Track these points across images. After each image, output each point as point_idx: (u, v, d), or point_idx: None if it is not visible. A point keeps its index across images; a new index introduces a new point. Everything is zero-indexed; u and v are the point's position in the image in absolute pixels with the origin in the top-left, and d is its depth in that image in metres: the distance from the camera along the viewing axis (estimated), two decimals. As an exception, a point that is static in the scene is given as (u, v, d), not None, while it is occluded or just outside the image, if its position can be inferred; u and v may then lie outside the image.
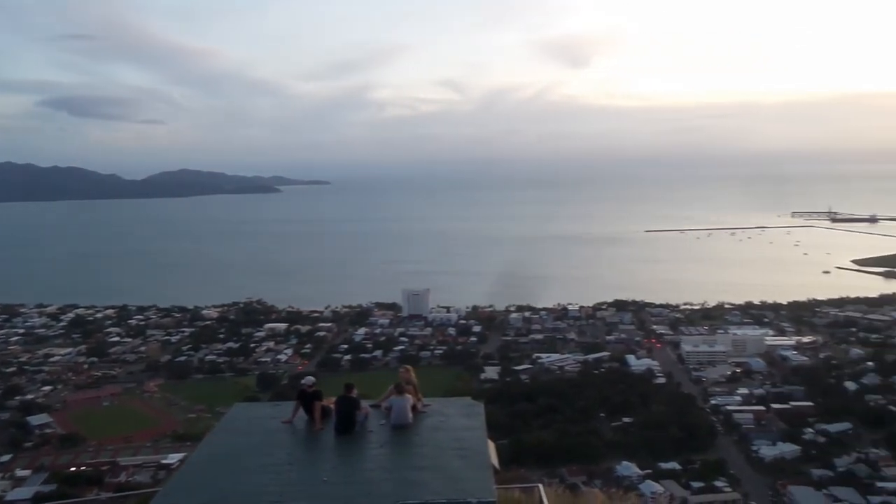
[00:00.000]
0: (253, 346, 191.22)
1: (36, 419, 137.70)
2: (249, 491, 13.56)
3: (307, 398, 16.99)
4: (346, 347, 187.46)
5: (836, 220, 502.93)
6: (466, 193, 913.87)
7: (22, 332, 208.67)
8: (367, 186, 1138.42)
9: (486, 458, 14.71)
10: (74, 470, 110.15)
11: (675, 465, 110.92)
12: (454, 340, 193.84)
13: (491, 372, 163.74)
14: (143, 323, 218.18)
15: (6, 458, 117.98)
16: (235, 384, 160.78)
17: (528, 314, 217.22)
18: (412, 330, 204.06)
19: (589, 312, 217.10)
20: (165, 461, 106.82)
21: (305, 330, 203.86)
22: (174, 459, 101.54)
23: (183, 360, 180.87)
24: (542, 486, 18.18)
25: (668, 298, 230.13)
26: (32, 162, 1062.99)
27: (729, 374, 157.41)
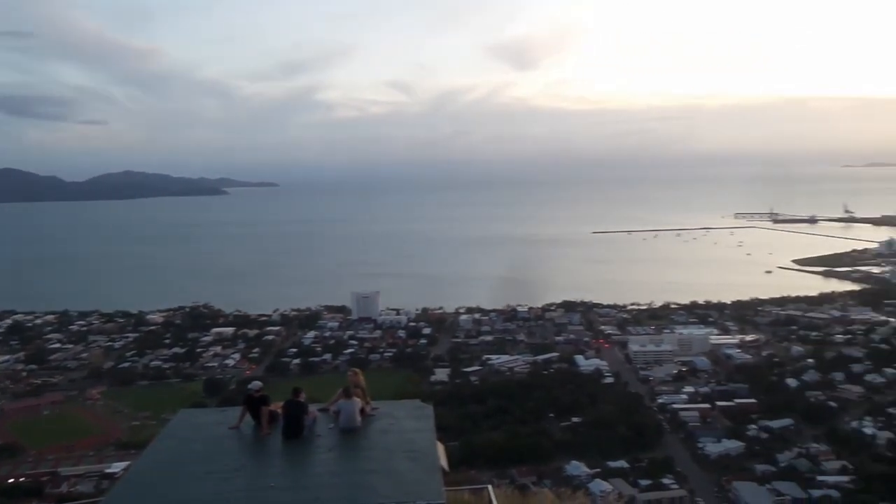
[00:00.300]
0: (199, 351, 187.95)
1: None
2: (194, 499, 13.29)
3: (254, 403, 16.74)
4: (294, 351, 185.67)
5: (777, 220, 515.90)
6: (415, 195, 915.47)
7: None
8: (315, 188, 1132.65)
9: (435, 459, 14.68)
10: (13, 481, 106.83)
11: (623, 463, 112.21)
12: (404, 343, 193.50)
13: (441, 374, 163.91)
14: (84, 329, 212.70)
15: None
16: (182, 390, 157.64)
17: (477, 316, 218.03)
18: (362, 333, 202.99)
19: (538, 313, 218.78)
20: (109, 470, 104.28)
21: (253, 334, 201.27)
22: (118, 468, 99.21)
23: (127, 366, 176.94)
24: (491, 486, 18.23)
25: (615, 299, 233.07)
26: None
27: (675, 373, 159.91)
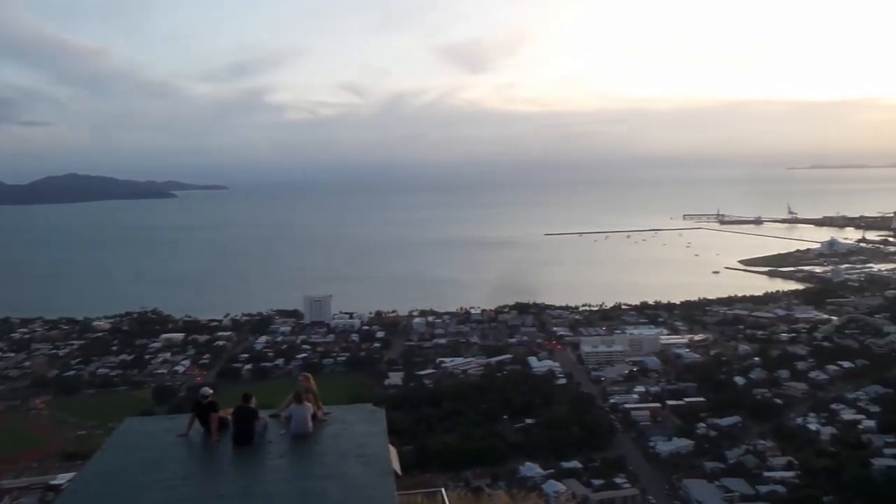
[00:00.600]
0: (148, 357, 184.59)
1: None
2: (141, 509, 13.04)
3: (203, 410, 16.43)
4: (246, 357, 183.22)
5: (724, 222, 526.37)
6: (367, 198, 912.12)
7: None
8: (266, 191, 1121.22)
9: (387, 464, 14.61)
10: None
11: (576, 463, 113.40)
12: (357, 347, 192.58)
13: (395, 377, 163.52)
14: (27, 336, 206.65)
15: None
16: (130, 398, 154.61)
17: (431, 318, 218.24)
18: (314, 337, 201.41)
19: (491, 315, 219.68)
20: (54, 482, 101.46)
21: (204, 340, 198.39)
22: (63, 480, 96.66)
23: (72, 374, 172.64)
24: (444, 490, 18.23)
25: (567, 300, 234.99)
26: None
27: (626, 373, 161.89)
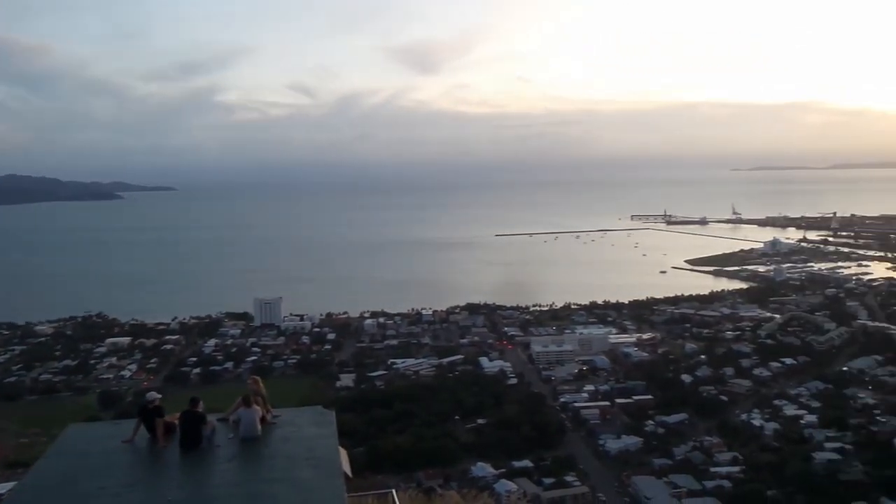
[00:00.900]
0: (93, 362, 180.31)
1: None
2: (85, 517, 12.81)
3: (149, 415, 16.24)
4: (195, 360, 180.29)
5: (671, 222, 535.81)
6: (318, 199, 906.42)
7: None
8: (215, 192, 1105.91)
9: (337, 466, 14.61)
10: None
11: (527, 462, 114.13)
12: (308, 349, 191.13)
13: (346, 379, 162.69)
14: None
15: None
16: (74, 404, 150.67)
17: (382, 320, 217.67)
18: (265, 339, 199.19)
19: (442, 316, 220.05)
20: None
21: (151, 343, 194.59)
22: (3, 489, 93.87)
23: (13, 380, 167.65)
24: (395, 491, 18.26)
25: (518, 301, 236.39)
26: None
27: (576, 372, 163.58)
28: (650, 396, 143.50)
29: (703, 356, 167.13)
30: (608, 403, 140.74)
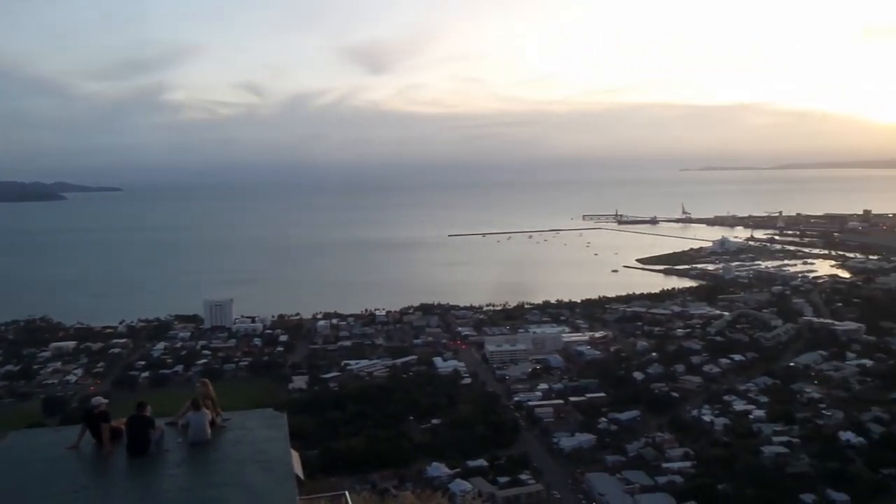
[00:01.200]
0: (37, 367, 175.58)
1: None
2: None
3: (94, 420, 15.81)
4: (143, 364, 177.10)
5: (622, 222, 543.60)
6: (268, 199, 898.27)
7: None
8: (162, 193, 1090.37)
9: (288, 469, 14.40)
10: None
11: (482, 462, 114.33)
12: (260, 351, 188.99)
13: (299, 381, 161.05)
14: None
15: None
16: (17, 410, 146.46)
17: (335, 321, 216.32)
18: (215, 342, 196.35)
19: (396, 317, 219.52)
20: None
21: (97, 347, 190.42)
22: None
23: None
24: (348, 493, 18.08)
25: (472, 300, 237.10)
26: None
27: (530, 371, 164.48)
28: (603, 394, 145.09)
29: (654, 354, 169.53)
30: (562, 402, 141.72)
